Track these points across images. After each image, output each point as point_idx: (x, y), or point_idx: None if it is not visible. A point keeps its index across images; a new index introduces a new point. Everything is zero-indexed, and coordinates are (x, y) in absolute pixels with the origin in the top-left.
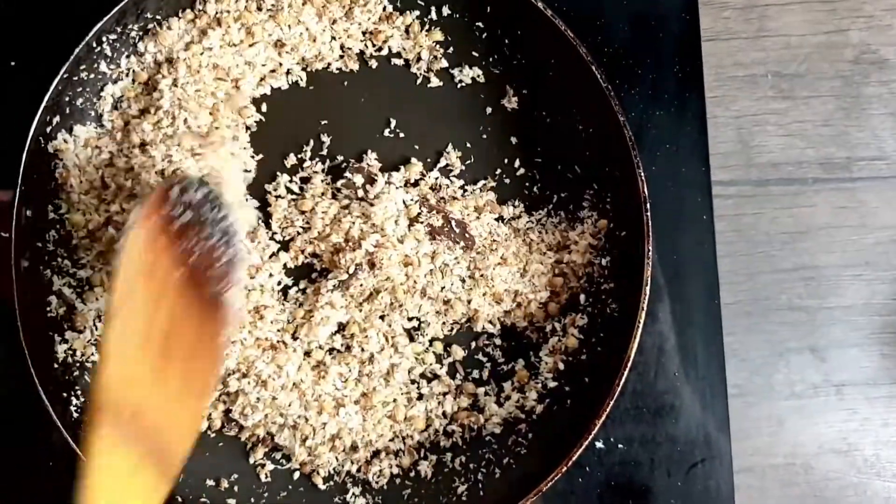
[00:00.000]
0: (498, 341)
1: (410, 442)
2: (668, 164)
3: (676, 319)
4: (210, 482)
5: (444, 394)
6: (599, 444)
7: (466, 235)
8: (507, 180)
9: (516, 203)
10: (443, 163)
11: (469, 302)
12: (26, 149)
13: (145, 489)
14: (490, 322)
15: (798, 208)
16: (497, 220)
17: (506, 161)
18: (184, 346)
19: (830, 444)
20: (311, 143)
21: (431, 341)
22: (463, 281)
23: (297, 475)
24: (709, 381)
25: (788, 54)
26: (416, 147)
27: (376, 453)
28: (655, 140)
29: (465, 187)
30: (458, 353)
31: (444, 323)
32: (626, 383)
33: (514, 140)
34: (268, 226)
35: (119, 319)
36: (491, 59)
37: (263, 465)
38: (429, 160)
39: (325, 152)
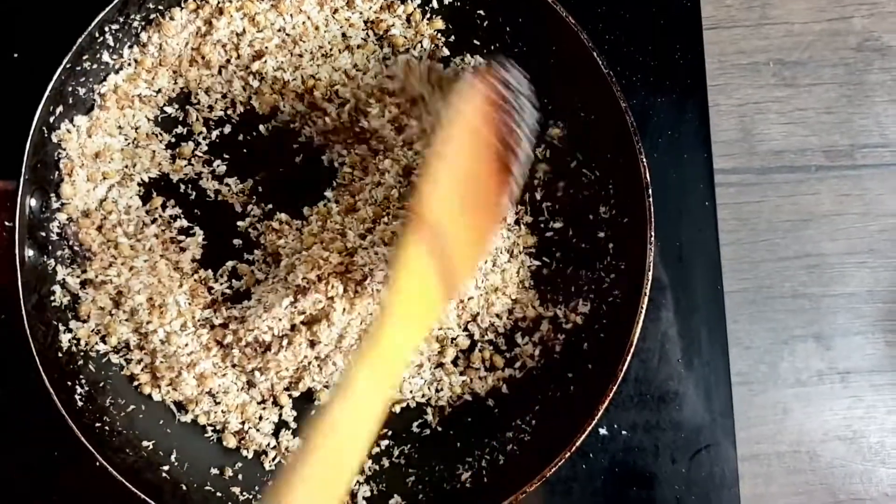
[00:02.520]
0: (501, 329)
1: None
2: (670, 152)
3: (679, 307)
4: (214, 470)
5: (448, 375)
6: (603, 431)
7: None
8: None
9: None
10: None
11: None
12: (30, 139)
13: (432, 301)
14: (497, 315)
15: (801, 196)
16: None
17: None
18: (480, 193)
19: (835, 432)
20: None
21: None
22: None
23: None
24: (712, 368)
25: (791, 42)
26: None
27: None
28: (657, 127)
29: None
30: (463, 342)
31: (458, 315)
32: (629, 370)
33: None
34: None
35: (443, 156)
36: (492, 48)
37: (266, 454)
38: None
39: None
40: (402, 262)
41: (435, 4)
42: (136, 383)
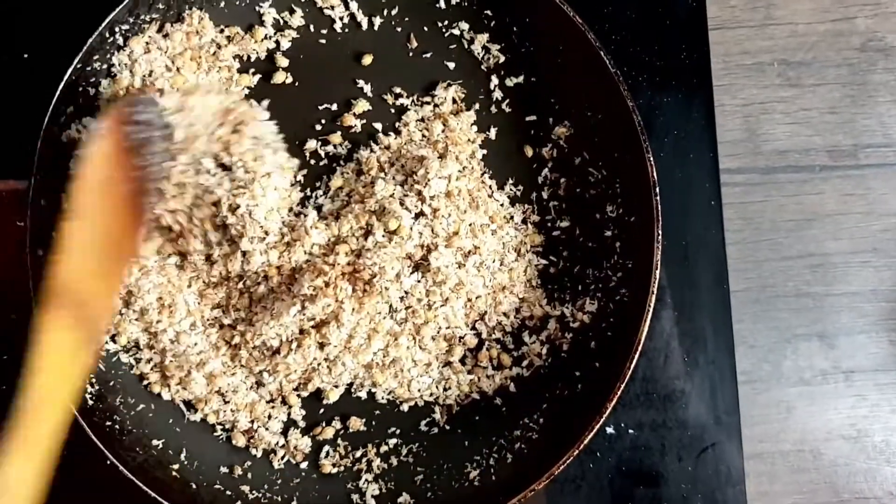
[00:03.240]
0: (508, 328)
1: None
2: (676, 151)
3: (685, 305)
4: (224, 469)
5: (456, 374)
6: (610, 430)
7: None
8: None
9: (518, 187)
10: None
11: (490, 297)
12: (41, 139)
13: (77, 352)
14: (505, 314)
15: (805, 196)
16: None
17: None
18: (114, 236)
19: (839, 431)
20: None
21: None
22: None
23: (306, 464)
24: (718, 367)
25: (795, 42)
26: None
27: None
28: (663, 127)
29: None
30: (471, 340)
31: (466, 314)
32: (635, 369)
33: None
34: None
35: (76, 220)
36: (500, 47)
37: (274, 452)
38: None
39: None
40: (42, 343)
41: (443, 4)
42: (145, 382)
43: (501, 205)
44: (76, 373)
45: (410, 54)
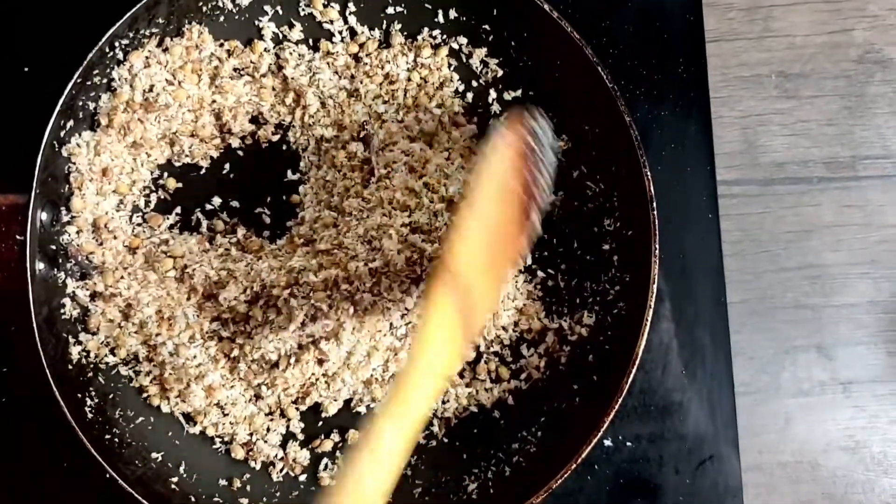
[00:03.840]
0: (507, 341)
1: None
2: (674, 164)
3: (683, 318)
4: (223, 482)
5: (454, 387)
6: (608, 442)
7: None
8: None
9: None
10: None
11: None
12: (41, 153)
13: (454, 350)
14: (503, 327)
15: (803, 207)
16: None
17: None
18: (501, 241)
19: (838, 442)
20: None
21: None
22: None
23: (305, 476)
24: (716, 379)
25: (793, 54)
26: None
27: None
28: (660, 140)
29: None
30: (469, 354)
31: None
32: (633, 382)
33: None
34: None
35: (472, 207)
36: (498, 61)
37: (273, 465)
38: None
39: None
40: (429, 314)
41: (441, 19)
42: (144, 395)
43: None
44: (450, 357)
45: None
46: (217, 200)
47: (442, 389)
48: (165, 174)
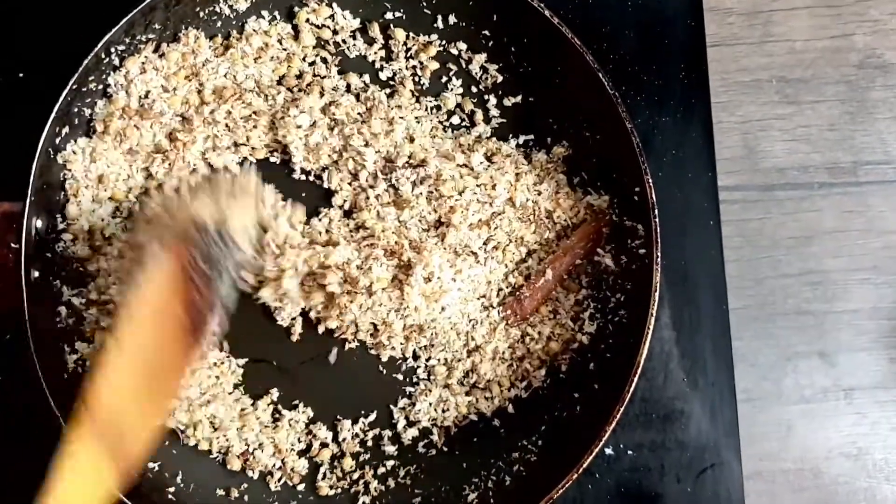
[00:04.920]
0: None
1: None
2: (675, 170)
3: (684, 325)
4: (220, 492)
5: (454, 396)
6: (609, 451)
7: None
8: None
9: None
10: None
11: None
12: (36, 160)
13: (103, 482)
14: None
15: (804, 213)
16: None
17: None
18: (161, 361)
19: (840, 449)
20: None
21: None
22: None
23: (303, 486)
24: (717, 387)
25: (793, 59)
26: None
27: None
28: (662, 146)
29: None
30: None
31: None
32: (635, 390)
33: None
34: None
35: (121, 339)
36: (498, 67)
37: (271, 475)
38: None
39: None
40: (67, 463)
41: (440, 25)
42: None
43: None
44: (93, 496)
45: None
46: None
47: None
48: None
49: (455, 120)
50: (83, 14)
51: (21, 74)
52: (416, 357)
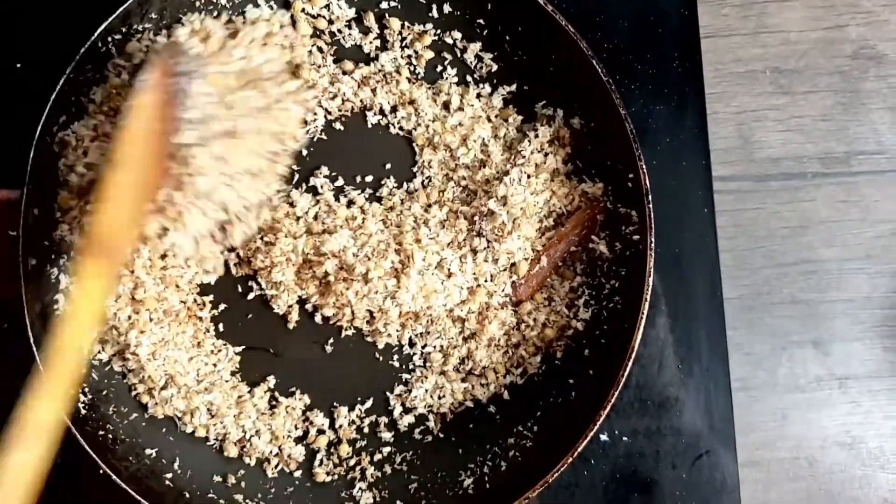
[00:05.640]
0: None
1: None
2: (669, 160)
3: (679, 313)
4: (217, 478)
5: (450, 382)
6: (604, 437)
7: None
8: None
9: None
10: None
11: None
12: (33, 149)
13: (103, 299)
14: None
15: (798, 203)
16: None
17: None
18: (147, 185)
19: (834, 437)
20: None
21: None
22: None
23: (300, 472)
24: (712, 375)
25: (787, 50)
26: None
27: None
28: (656, 135)
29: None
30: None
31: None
32: (629, 376)
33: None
34: None
35: (119, 171)
36: (493, 56)
37: (268, 461)
38: None
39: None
40: (79, 290)
41: (435, 13)
42: (134, 393)
43: None
44: (100, 319)
45: None
46: None
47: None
48: None
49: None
50: (80, 4)
51: (18, 65)
52: (412, 344)
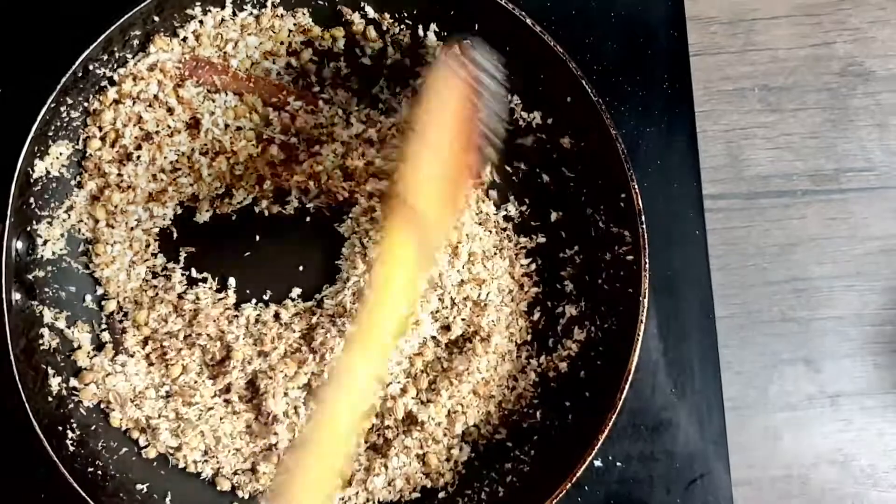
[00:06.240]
0: None
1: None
2: (660, 181)
3: (671, 335)
4: None
5: None
6: (598, 463)
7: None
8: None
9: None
10: None
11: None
12: (14, 180)
13: (413, 278)
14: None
15: (788, 220)
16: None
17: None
18: (451, 167)
19: (826, 455)
20: None
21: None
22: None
23: None
24: (705, 396)
25: (775, 68)
26: None
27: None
28: (646, 156)
29: None
30: None
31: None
32: (623, 401)
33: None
34: None
35: (420, 136)
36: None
37: (262, 494)
38: None
39: None
40: (386, 248)
41: (421, 34)
42: (124, 428)
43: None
44: (409, 291)
45: None
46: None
47: (405, 317)
48: None
49: None
50: (62, 30)
51: (1, 91)
52: None
